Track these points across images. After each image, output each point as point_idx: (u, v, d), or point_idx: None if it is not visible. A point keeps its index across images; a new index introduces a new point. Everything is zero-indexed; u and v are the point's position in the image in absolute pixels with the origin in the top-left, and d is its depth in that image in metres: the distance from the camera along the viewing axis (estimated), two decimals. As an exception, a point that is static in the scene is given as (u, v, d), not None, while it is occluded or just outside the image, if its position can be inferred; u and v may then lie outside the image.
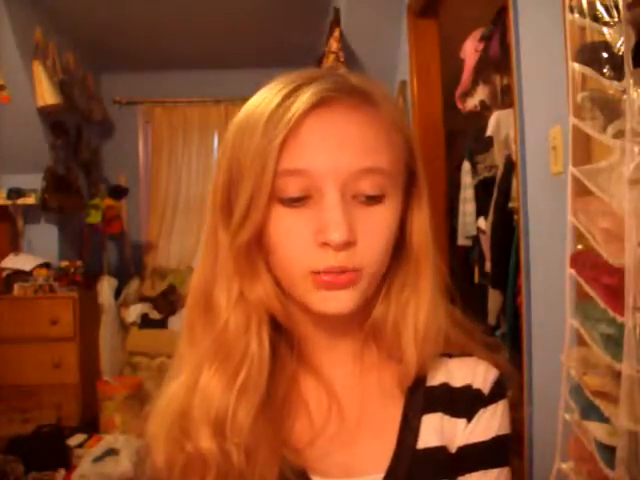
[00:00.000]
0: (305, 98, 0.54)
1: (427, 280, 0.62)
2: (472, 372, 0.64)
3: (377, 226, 0.56)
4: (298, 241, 0.56)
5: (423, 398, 0.63)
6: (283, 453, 0.58)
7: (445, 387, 0.64)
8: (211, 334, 0.59)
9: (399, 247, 0.62)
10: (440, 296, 0.63)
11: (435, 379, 0.64)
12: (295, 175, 0.55)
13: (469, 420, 0.63)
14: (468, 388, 0.64)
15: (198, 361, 0.59)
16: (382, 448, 0.61)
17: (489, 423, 0.63)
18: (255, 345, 0.58)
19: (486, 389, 0.64)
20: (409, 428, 0.62)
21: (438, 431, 0.62)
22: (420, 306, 0.61)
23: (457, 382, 0.64)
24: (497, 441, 0.63)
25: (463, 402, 0.63)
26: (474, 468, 0.62)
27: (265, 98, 0.57)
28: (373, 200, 0.56)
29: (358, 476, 0.60)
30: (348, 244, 0.54)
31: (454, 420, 0.63)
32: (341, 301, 0.56)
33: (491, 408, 0.63)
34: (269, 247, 0.57)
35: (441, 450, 0.61)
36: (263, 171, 0.54)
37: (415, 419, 0.62)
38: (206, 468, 0.56)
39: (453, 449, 0.62)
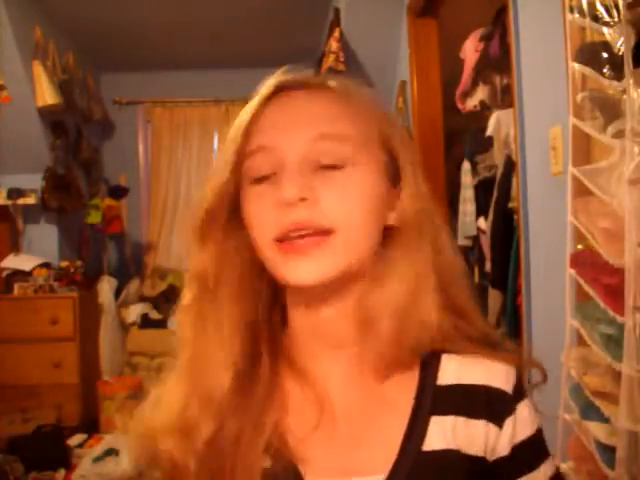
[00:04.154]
0: (268, 84, 0.61)
1: (410, 264, 0.60)
2: (489, 372, 0.62)
3: (342, 187, 0.57)
4: (262, 212, 0.58)
5: (433, 398, 0.61)
6: (272, 442, 0.57)
7: (458, 388, 0.62)
8: (207, 310, 0.62)
9: (396, 239, 0.62)
10: (428, 285, 0.60)
11: (446, 379, 0.62)
12: (258, 152, 0.58)
13: (494, 421, 0.61)
14: (489, 388, 0.62)
15: (199, 340, 0.63)
16: (386, 449, 0.59)
17: (523, 422, 0.62)
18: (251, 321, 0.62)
19: (510, 388, 0.62)
20: (416, 429, 0.60)
21: (448, 434, 0.60)
22: (397, 293, 0.60)
23: (472, 381, 0.62)
24: (535, 438, 0.63)
25: (486, 403, 0.61)
26: (525, 470, 0.61)
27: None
28: (334, 166, 0.58)
29: (358, 476, 0.59)
30: (303, 200, 0.55)
31: (478, 422, 0.60)
32: (308, 269, 0.56)
33: (520, 406, 0.62)
34: (246, 228, 0.60)
35: (449, 453, 0.59)
36: (232, 153, 0.59)
37: (423, 420, 0.60)
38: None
39: (479, 453, 0.60)
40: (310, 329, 0.63)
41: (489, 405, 0.61)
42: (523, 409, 0.62)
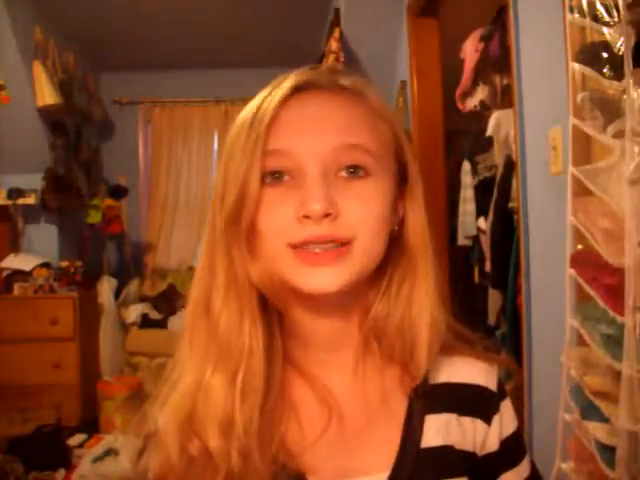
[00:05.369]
0: (286, 85, 0.58)
1: (428, 275, 0.61)
2: (474, 371, 0.65)
3: (362, 198, 0.56)
4: (278, 217, 0.55)
5: (425, 397, 0.62)
6: (278, 456, 0.57)
7: (448, 386, 0.64)
8: (209, 334, 0.59)
9: (396, 244, 0.62)
10: (440, 293, 0.62)
11: (437, 378, 0.64)
12: (277, 155, 0.56)
13: (482, 418, 0.64)
14: (476, 387, 0.65)
15: (200, 362, 0.59)
16: (386, 448, 0.61)
17: (508, 419, 0.66)
18: (248, 339, 0.57)
19: (494, 387, 0.66)
20: (412, 427, 0.61)
21: (442, 431, 0.62)
22: (426, 303, 0.61)
23: (461, 380, 0.65)
24: (518, 434, 0.67)
25: (474, 401, 0.64)
26: (510, 465, 0.65)
27: (256, 97, 0.60)
28: (356, 174, 0.56)
29: (361, 476, 0.60)
30: (328, 215, 0.54)
31: (467, 419, 0.63)
32: (326, 277, 0.55)
33: (504, 404, 0.66)
34: (254, 228, 0.57)
35: (445, 449, 0.61)
36: (253, 153, 0.55)
37: (418, 419, 0.62)
38: (208, 470, 0.56)
39: (470, 448, 0.63)
40: (314, 334, 0.62)
41: (477, 403, 0.64)
42: (506, 407, 0.66)
